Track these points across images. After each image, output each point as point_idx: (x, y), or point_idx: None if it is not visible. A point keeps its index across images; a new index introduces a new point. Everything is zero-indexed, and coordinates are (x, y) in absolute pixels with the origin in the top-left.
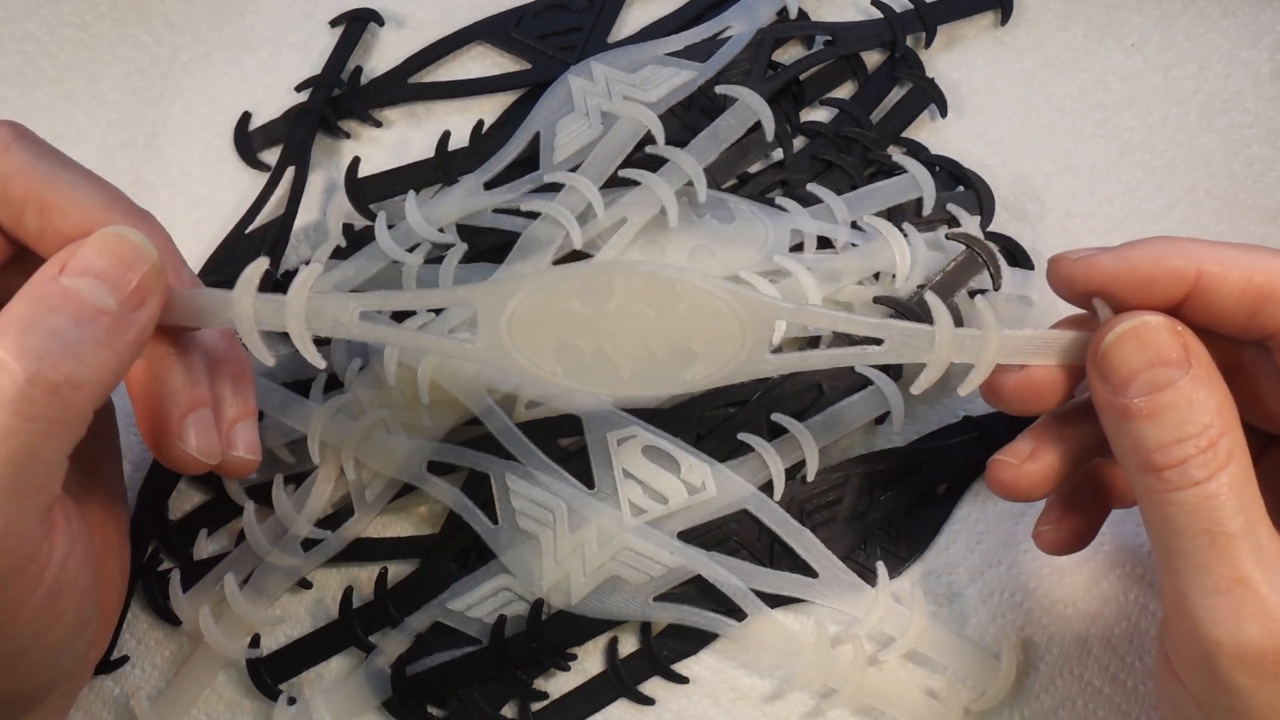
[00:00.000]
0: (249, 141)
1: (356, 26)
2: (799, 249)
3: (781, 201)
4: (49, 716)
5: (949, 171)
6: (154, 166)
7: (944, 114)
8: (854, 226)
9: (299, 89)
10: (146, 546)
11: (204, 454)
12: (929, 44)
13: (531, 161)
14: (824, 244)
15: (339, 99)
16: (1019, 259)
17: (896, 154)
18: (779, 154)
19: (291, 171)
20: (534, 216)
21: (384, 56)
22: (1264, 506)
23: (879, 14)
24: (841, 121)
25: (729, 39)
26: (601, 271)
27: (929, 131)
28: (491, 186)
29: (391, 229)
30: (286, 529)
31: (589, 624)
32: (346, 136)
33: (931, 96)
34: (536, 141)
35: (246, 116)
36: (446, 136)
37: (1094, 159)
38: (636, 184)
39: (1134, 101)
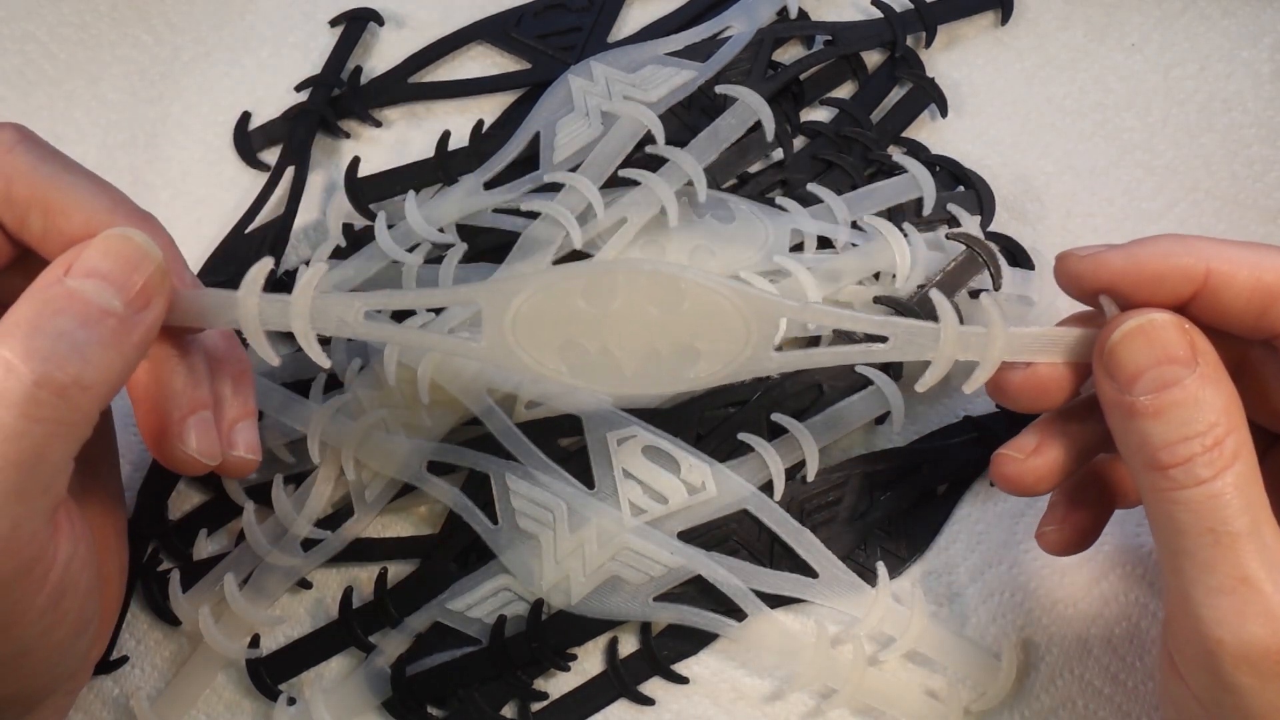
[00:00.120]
0: (249, 141)
1: (356, 26)
2: (799, 249)
3: (781, 201)
4: (50, 716)
5: (949, 171)
6: (154, 166)
7: (944, 114)
8: (854, 226)
9: (299, 89)
10: (146, 546)
11: (204, 455)
12: (929, 44)
13: (531, 161)
14: (824, 244)
15: (339, 99)
16: (1019, 259)
17: (896, 154)
18: (779, 154)
19: (291, 171)
20: (534, 216)
21: (384, 56)
22: (1269, 506)
23: (879, 14)
24: (841, 121)
25: (729, 39)
26: (606, 270)
27: (929, 131)
28: (491, 186)
29: (391, 229)
30: (286, 529)
31: (589, 624)
32: (346, 136)
33: (931, 96)
34: (536, 141)
35: (246, 116)
36: (446, 136)
37: (1094, 159)
38: (636, 184)
39: (1134, 101)
